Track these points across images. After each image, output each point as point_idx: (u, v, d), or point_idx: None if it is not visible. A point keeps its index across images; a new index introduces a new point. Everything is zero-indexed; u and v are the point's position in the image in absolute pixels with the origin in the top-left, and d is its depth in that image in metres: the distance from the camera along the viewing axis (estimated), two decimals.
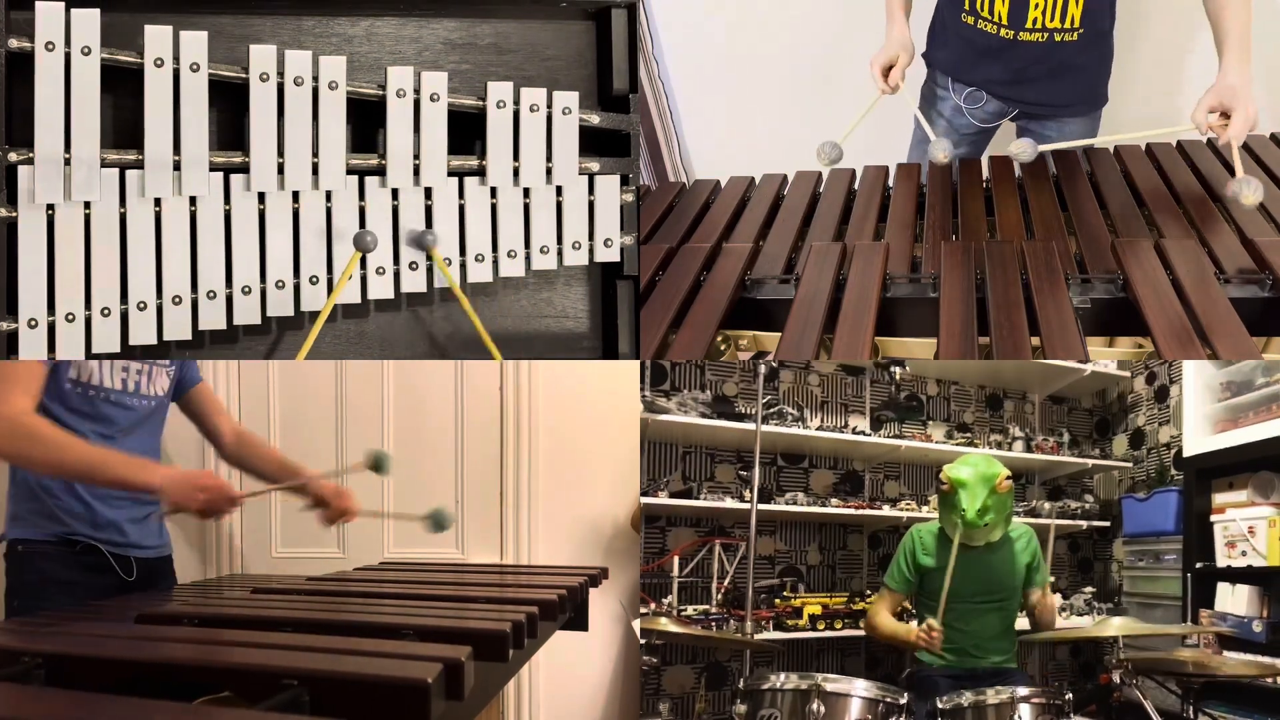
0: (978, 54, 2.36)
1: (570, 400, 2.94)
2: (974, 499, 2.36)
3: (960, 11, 2.33)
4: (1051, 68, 2.32)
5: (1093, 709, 3.22)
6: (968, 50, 2.37)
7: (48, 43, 1.50)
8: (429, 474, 2.95)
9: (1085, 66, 2.33)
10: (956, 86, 2.44)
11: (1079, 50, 2.29)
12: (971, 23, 2.32)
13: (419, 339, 1.74)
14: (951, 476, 2.42)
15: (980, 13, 2.29)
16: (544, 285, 1.79)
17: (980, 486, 2.38)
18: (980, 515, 2.36)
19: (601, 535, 2.93)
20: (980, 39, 2.33)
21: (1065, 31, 2.26)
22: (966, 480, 2.39)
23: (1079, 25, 2.25)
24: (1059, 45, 2.28)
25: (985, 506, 2.36)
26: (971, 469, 2.41)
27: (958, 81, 2.43)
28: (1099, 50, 2.34)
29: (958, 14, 2.34)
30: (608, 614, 2.89)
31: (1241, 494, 2.95)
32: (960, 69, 2.42)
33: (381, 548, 2.92)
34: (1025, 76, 2.35)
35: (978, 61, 2.37)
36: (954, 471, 2.43)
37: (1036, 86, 2.36)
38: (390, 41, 1.70)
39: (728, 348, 1.89)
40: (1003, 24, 2.28)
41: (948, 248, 1.86)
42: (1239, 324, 1.54)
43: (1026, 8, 2.25)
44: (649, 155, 3.08)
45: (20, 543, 1.92)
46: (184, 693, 0.88)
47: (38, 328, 1.53)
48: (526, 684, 2.93)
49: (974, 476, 2.39)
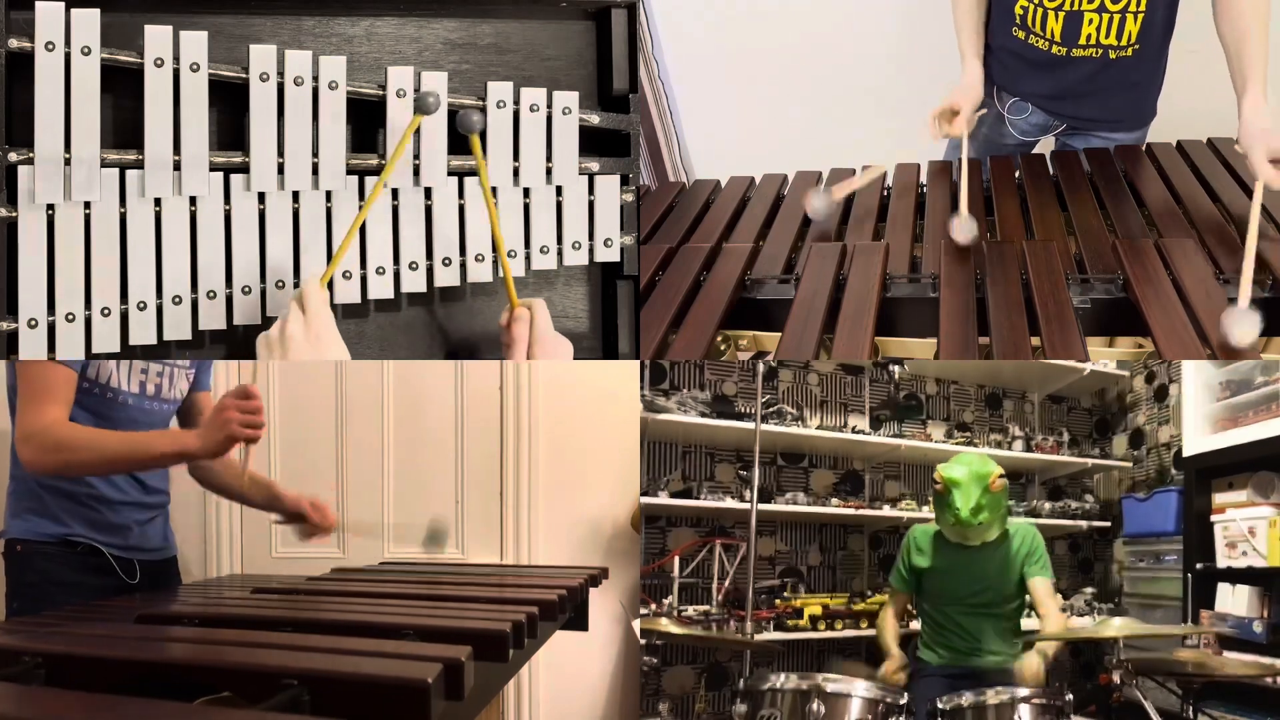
0: (1026, 66, 2.28)
1: (570, 400, 2.94)
2: (967, 498, 2.39)
3: (1010, 26, 2.25)
4: (1103, 84, 2.24)
5: (1093, 709, 3.22)
6: (1016, 63, 2.30)
7: (48, 43, 1.50)
8: (429, 474, 2.96)
9: (1138, 83, 2.26)
10: (1001, 96, 2.37)
11: (1133, 67, 2.21)
12: (1022, 37, 2.24)
13: (419, 339, 1.74)
14: (945, 476, 2.44)
15: (1032, 28, 2.21)
16: (544, 285, 1.79)
17: (974, 485, 2.40)
18: (974, 514, 2.38)
19: (601, 535, 2.93)
20: (1030, 53, 2.25)
21: (1120, 49, 2.17)
22: (960, 480, 2.41)
23: (1135, 42, 2.17)
24: (1113, 62, 2.19)
25: (979, 505, 2.39)
26: (965, 468, 2.42)
27: (1002, 91, 2.36)
28: (1154, 66, 2.26)
29: (1008, 28, 2.26)
30: (608, 614, 2.89)
31: (1241, 494, 2.95)
32: (1006, 80, 2.35)
33: (382, 548, 2.92)
34: (1074, 92, 2.27)
35: (1025, 74, 2.30)
36: (947, 471, 2.44)
37: (1085, 102, 2.29)
38: (390, 41, 1.70)
39: (728, 348, 1.90)
40: (1055, 40, 2.19)
41: (948, 247, 1.86)
42: None
43: (1080, 25, 2.16)
44: (649, 155, 3.08)
45: (20, 542, 1.90)
46: (184, 693, 0.88)
47: (38, 328, 1.53)
48: (526, 684, 2.93)
49: (967, 476, 2.41)
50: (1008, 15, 2.25)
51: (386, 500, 2.97)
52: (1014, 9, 2.22)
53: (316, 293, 1.47)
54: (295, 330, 1.45)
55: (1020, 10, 2.21)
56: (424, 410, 2.95)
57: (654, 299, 1.77)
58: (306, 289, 1.47)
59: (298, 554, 2.88)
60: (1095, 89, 2.26)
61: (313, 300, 1.46)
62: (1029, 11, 2.20)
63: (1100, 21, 2.14)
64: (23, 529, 1.91)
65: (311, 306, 1.46)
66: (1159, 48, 2.23)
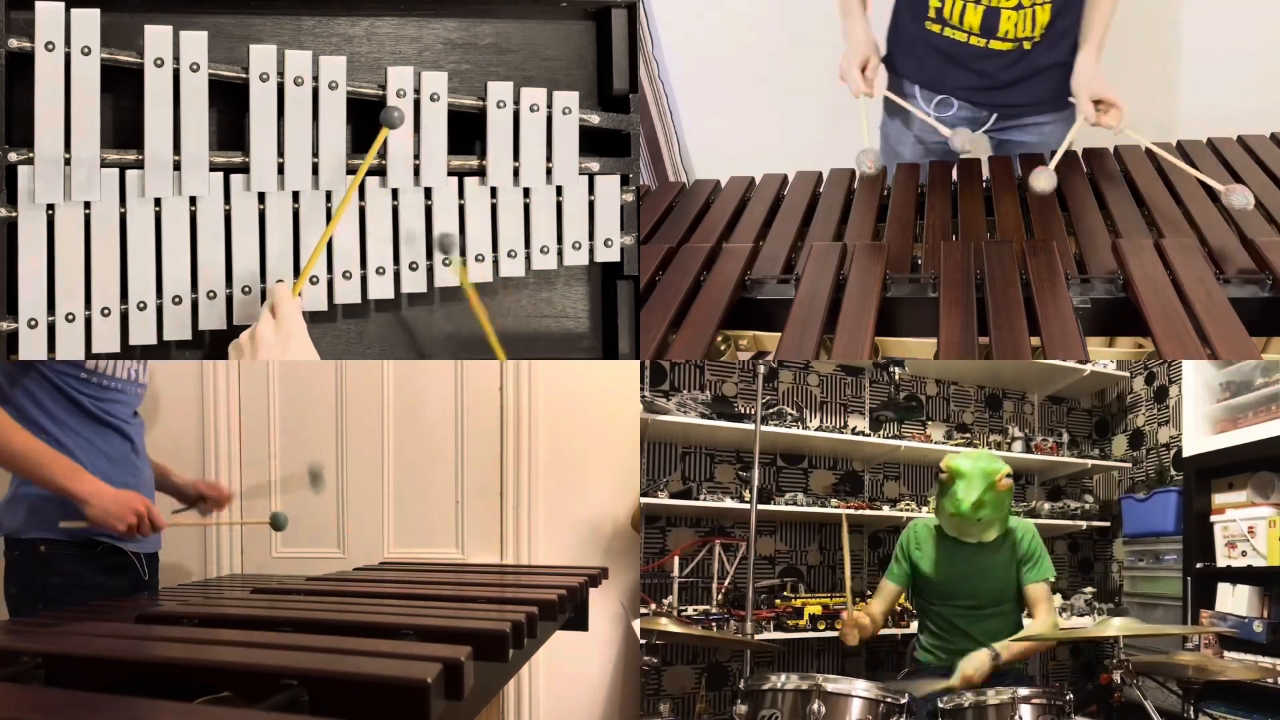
0: (946, 61, 2.36)
1: (570, 400, 2.94)
2: (970, 491, 2.35)
3: (924, 20, 2.33)
4: (1022, 72, 2.33)
5: (1093, 709, 3.22)
6: (936, 58, 2.37)
7: (48, 43, 1.50)
8: (429, 474, 2.95)
9: (1052, 65, 2.35)
10: (925, 95, 2.43)
11: (1045, 52, 2.32)
12: (938, 30, 2.32)
13: (419, 339, 1.74)
14: (951, 465, 2.41)
15: (949, 21, 2.29)
16: (544, 285, 1.79)
17: (979, 480, 2.36)
18: (974, 509, 2.34)
19: (601, 535, 2.93)
20: (949, 46, 2.33)
21: (1031, 39, 2.29)
22: (965, 471, 2.38)
23: (1045, 30, 2.29)
24: (1028, 51, 2.30)
25: (981, 501, 2.35)
26: (972, 461, 2.40)
27: (926, 90, 2.42)
28: (1065, 48, 2.35)
29: (921, 22, 2.34)
30: (608, 614, 2.89)
31: (1241, 494, 2.95)
32: (927, 78, 2.41)
33: (381, 548, 2.93)
34: (998, 82, 2.35)
35: (947, 69, 2.37)
36: (954, 461, 2.41)
37: (1010, 90, 2.37)
38: (390, 41, 1.70)
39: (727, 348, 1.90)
40: (974, 33, 2.28)
41: (948, 248, 1.86)
42: (1239, 324, 1.54)
43: (999, 20, 2.26)
44: (649, 155, 3.08)
45: (43, 543, 1.92)
46: (184, 693, 0.88)
47: (38, 328, 1.53)
48: (526, 684, 2.93)
49: (973, 469, 2.38)
50: (920, 7, 2.32)
51: (387, 500, 2.97)
52: (929, 1, 2.30)
53: (286, 297, 1.52)
54: (265, 332, 1.50)
55: (937, 3, 2.29)
56: (424, 410, 2.95)
57: (654, 299, 1.77)
58: (277, 294, 1.52)
59: (298, 554, 2.88)
60: (1016, 77, 2.34)
61: (283, 304, 1.51)
62: (945, 4, 2.28)
63: (1017, 17, 2.26)
64: (45, 530, 1.93)
65: (282, 310, 1.50)
66: (1066, 31, 2.33)
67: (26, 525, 1.93)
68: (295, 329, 1.51)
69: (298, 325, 1.52)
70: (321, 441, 2.95)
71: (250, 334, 1.50)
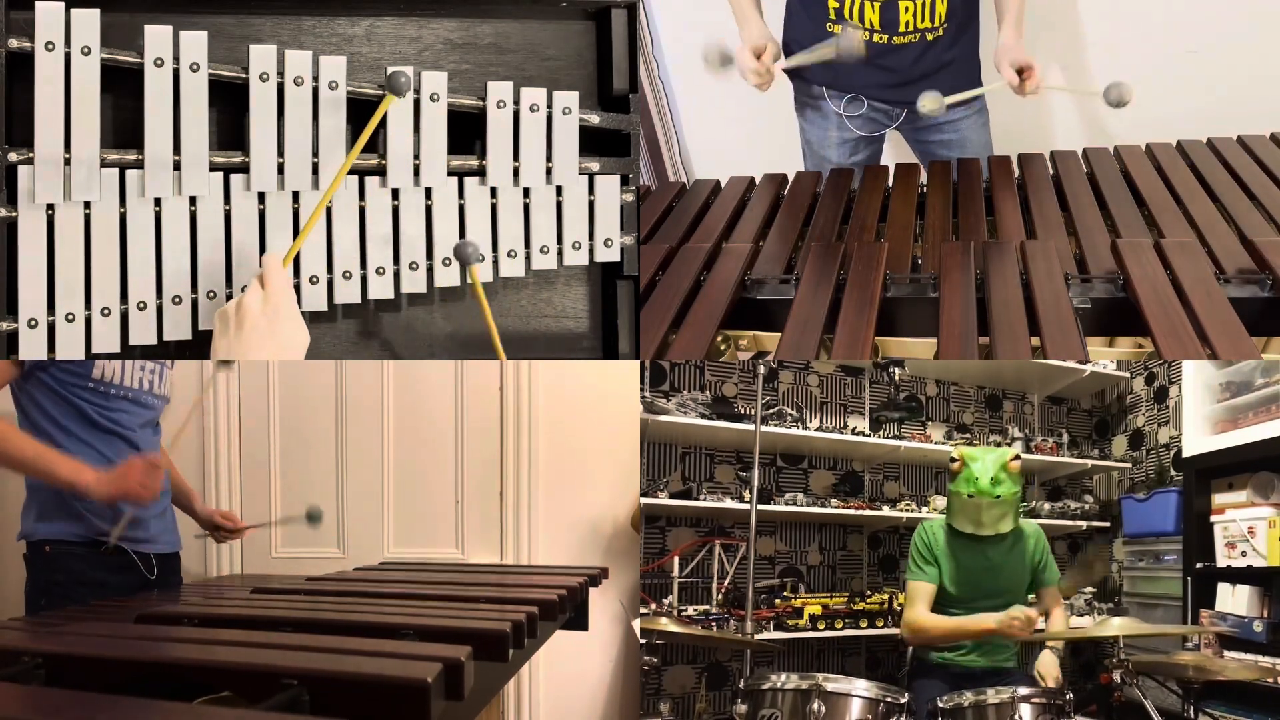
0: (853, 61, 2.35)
1: (570, 400, 2.94)
2: (986, 469, 2.44)
3: (824, 21, 2.32)
4: (927, 67, 2.35)
5: (1093, 709, 3.22)
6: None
7: (48, 43, 1.50)
8: (429, 474, 2.95)
9: (957, 58, 2.36)
10: (833, 94, 2.43)
11: (949, 44, 2.34)
12: (839, 31, 2.30)
13: (419, 339, 1.74)
14: (964, 453, 2.51)
15: (849, 20, 2.29)
16: (544, 285, 1.79)
17: (992, 461, 2.47)
18: (993, 484, 2.44)
19: (601, 535, 2.93)
20: None
21: (934, 30, 2.30)
22: (977, 455, 2.49)
23: (945, 21, 2.31)
24: (931, 44, 2.32)
25: (997, 478, 2.44)
26: (982, 449, 2.53)
27: (833, 89, 2.43)
28: (967, 38, 2.38)
29: (821, 24, 2.33)
30: (608, 614, 2.89)
31: (1241, 494, 2.95)
32: (833, 79, 2.42)
33: (381, 548, 2.93)
34: (905, 77, 2.36)
35: (853, 69, 2.36)
36: (966, 449, 2.54)
37: (917, 85, 2.35)
38: (390, 41, 1.70)
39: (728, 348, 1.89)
40: (876, 29, 2.29)
41: (948, 248, 1.86)
42: (1239, 324, 1.54)
43: (897, 11, 2.27)
44: (649, 155, 3.08)
45: (49, 543, 1.96)
46: (184, 693, 0.88)
47: (38, 328, 1.53)
48: (526, 684, 2.93)
49: (984, 453, 2.49)
50: (819, 9, 2.32)
51: (386, 500, 2.97)
52: (827, 3, 2.30)
53: (276, 267, 1.49)
54: (252, 302, 1.46)
55: (835, 3, 2.29)
56: (424, 410, 2.95)
57: (654, 299, 1.77)
58: (268, 265, 1.49)
59: (298, 554, 2.88)
60: (922, 71, 2.35)
61: (273, 276, 1.48)
62: (845, 4, 2.29)
63: (914, 8, 2.27)
64: (50, 531, 1.96)
65: (272, 282, 1.47)
66: (967, 21, 2.36)
67: (34, 528, 1.98)
68: (284, 301, 1.47)
69: (287, 297, 1.48)
70: (321, 441, 2.95)
71: (237, 303, 1.46)
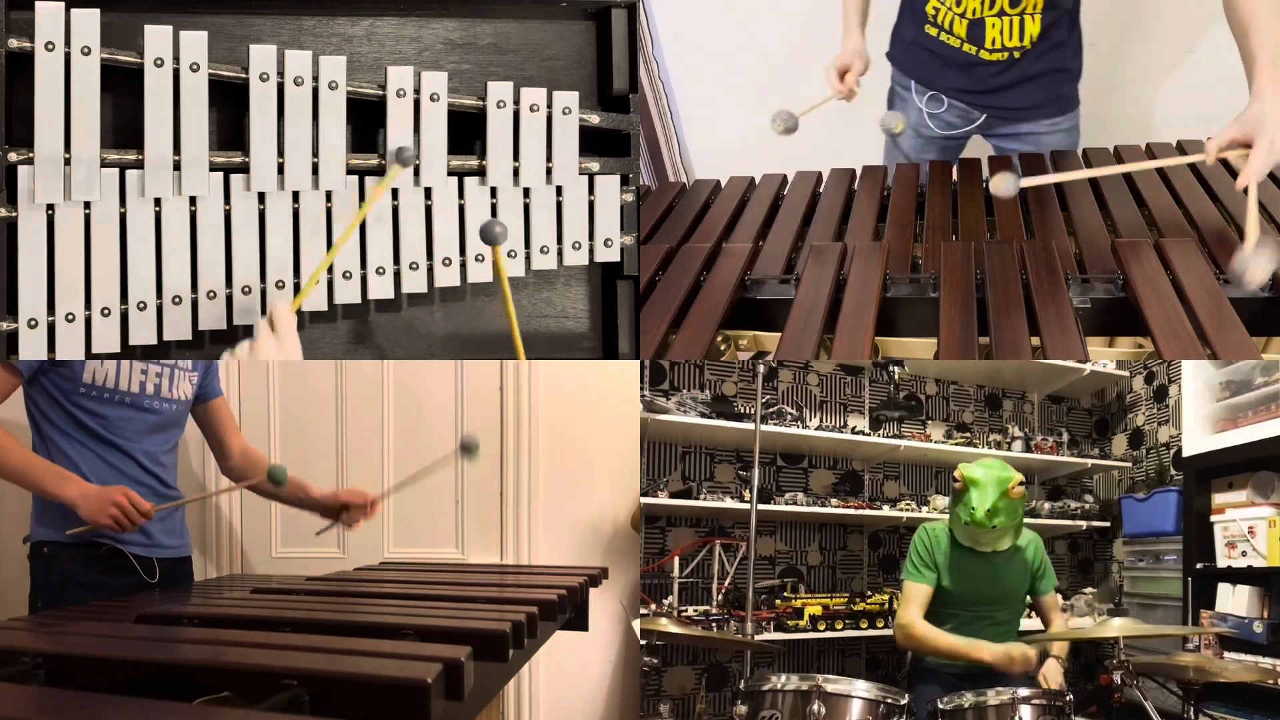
0: (941, 63, 2.40)
1: (570, 400, 2.94)
2: (984, 499, 2.38)
3: (924, 23, 2.38)
4: (1011, 80, 2.36)
5: (1093, 710, 3.22)
6: (932, 59, 2.42)
7: (48, 43, 1.50)
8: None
9: (1045, 73, 2.37)
10: (919, 90, 2.47)
11: (1038, 59, 2.34)
12: (935, 34, 2.37)
13: (419, 339, 1.74)
14: (965, 474, 2.44)
15: (944, 27, 2.35)
16: (544, 285, 1.79)
17: (993, 488, 2.39)
18: (990, 516, 2.37)
19: (601, 535, 2.93)
20: (944, 50, 2.37)
21: (1023, 48, 2.32)
22: (980, 479, 2.41)
23: (1037, 40, 2.31)
24: (1018, 60, 2.33)
25: (995, 508, 2.37)
26: (986, 470, 2.43)
27: (920, 85, 2.47)
28: (1062, 55, 2.38)
29: (921, 26, 2.39)
30: (608, 614, 2.89)
31: (1241, 494, 2.94)
32: (923, 75, 2.46)
33: (381, 548, 2.92)
34: (987, 86, 2.39)
35: (941, 70, 2.42)
36: (968, 470, 2.44)
37: (999, 95, 2.40)
38: (390, 41, 1.70)
39: (728, 348, 1.89)
40: (965, 40, 2.33)
41: (948, 248, 1.86)
42: (1239, 324, 1.54)
43: (984, 29, 2.29)
44: (649, 155, 3.08)
45: (45, 544, 1.95)
46: (184, 693, 0.88)
47: (38, 328, 1.53)
48: (526, 684, 2.93)
49: (988, 477, 2.41)
50: (919, 13, 2.38)
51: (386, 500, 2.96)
52: (925, 8, 2.35)
53: (286, 314, 1.52)
54: (268, 349, 1.51)
55: (931, 11, 2.35)
56: (424, 410, 2.95)
57: (654, 299, 1.77)
58: (276, 312, 1.52)
59: (298, 554, 2.88)
60: (1005, 84, 2.37)
61: (283, 322, 1.52)
62: (939, 13, 2.33)
63: (1001, 25, 2.28)
64: (48, 532, 1.95)
65: (282, 328, 1.52)
66: (1062, 40, 2.35)
67: (34, 530, 1.98)
68: (293, 347, 1.54)
69: (294, 342, 1.54)
70: (321, 441, 2.95)
71: (250, 349, 1.52)
